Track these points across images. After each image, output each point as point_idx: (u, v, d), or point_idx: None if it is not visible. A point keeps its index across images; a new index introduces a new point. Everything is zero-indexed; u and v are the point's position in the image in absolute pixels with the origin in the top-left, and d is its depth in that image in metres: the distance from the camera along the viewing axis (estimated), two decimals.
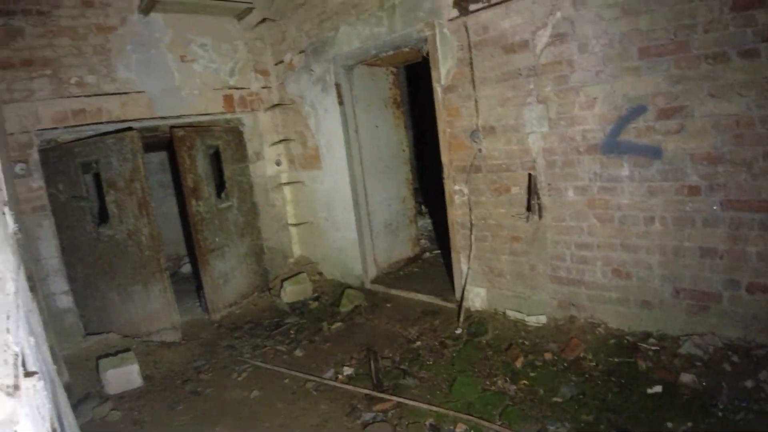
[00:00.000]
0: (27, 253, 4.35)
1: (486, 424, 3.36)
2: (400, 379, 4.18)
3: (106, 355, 4.66)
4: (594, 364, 3.55)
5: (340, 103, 5.48)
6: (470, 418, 3.46)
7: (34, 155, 4.65)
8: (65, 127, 4.80)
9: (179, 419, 4.05)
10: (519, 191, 4.12)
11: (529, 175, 3.98)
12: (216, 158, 6.02)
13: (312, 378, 4.43)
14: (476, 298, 4.69)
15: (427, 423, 3.57)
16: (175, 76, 5.46)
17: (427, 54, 4.50)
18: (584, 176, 3.66)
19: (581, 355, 3.66)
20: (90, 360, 4.68)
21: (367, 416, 3.80)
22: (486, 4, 3.88)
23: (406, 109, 6.36)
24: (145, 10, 5.10)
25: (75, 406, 4.10)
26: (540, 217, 4.00)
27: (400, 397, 3.89)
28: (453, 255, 4.86)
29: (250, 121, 6.20)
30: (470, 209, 4.53)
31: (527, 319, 4.22)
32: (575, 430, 3.12)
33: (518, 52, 3.81)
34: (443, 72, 4.41)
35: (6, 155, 4.20)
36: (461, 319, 4.65)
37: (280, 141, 6.39)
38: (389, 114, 5.93)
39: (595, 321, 3.83)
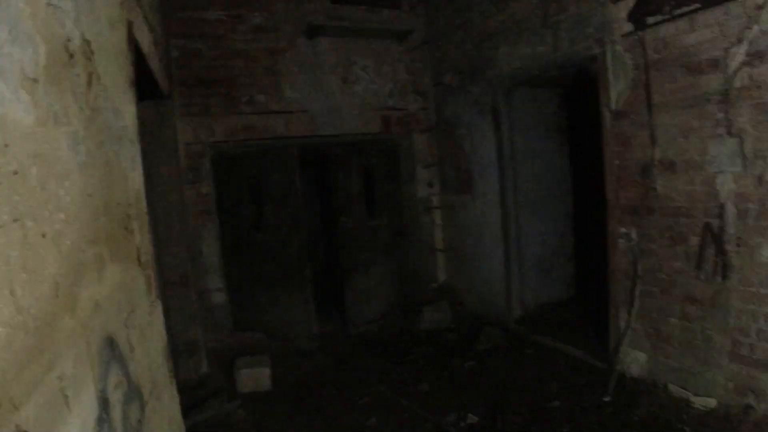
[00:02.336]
0: (188, 250, 4.83)
1: None
2: None
3: (244, 354, 4.94)
4: None
5: (496, 127, 5.13)
6: None
7: (206, 164, 5.15)
8: (234, 141, 5.24)
9: (295, 430, 4.09)
10: (699, 243, 3.34)
11: (710, 224, 3.20)
12: (369, 177, 6.10)
13: (432, 418, 4.14)
14: (633, 363, 3.94)
15: None
16: (337, 96, 5.66)
17: (595, 74, 3.93)
18: None
19: None
20: (232, 356, 5.01)
21: None
22: (667, 17, 3.23)
23: (578, 136, 5.74)
24: (311, 34, 5.37)
25: (205, 399, 4.40)
26: (723, 277, 3.18)
27: None
28: (611, 309, 4.17)
29: (405, 141, 6.17)
30: (636, 258, 3.83)
31: (693, 399, 3.40)
32: None
33: (706, 72, 3.09)
34: (614, 95, 3.81)
35: (176, 163, 4.71)
36: (612, 384, 3.94)
37: (434, 163, 6.23)
38: (551, 141, 5.39)
39: None
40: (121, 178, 2.10)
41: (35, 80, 1.14)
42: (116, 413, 1.46)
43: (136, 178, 2.36)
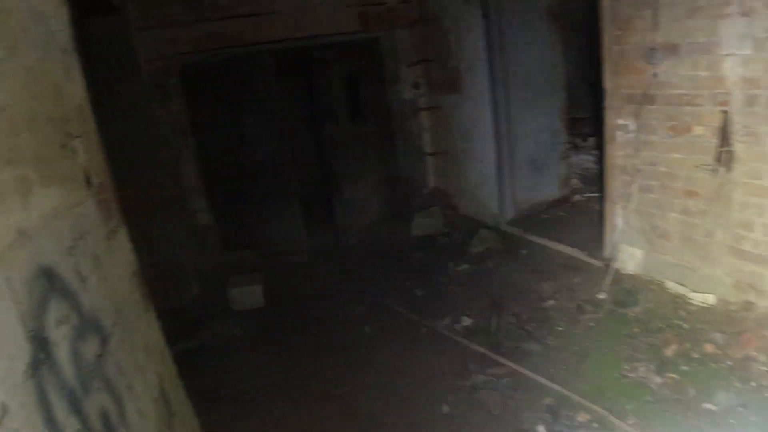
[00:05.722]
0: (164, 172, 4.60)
1: (615, 421, 2.76)
2: (523, 342, 3.68)
3: (236, 273, 4.86)
4: (767, 369, 2.67)
5: (484, 15, 4.69)
6: (596, 408, 2.88)
7: (174, 80, 4.77)
8: (201, 52, 4.82)
9: (293, 343, 4.11)
10: (703, 133, 3.12)
11: (723, 112, 2.95)
12: (352, 81, 5.71)
13: (427, 323, 4.14)
14: (630, 259, 3.86)
15: (545, 403, 3.08)
16: None
17: None
18: None
19: (752, 354, 2.79)
20: (224, 276, 4.93)
21: (478, 379, 3.42)
22: None
23: (573, 23, 5.22)
24: None
25: (200, 321, 4.38)
26: (728, 169, 3.00)
27: (518, 364, 3.43)
28: (607, 205, 4.02)
29: (387, 40, 5.69)
30: (636, 150, 3.62)
31: (691, 295, 3.34)
32: None
33: None
34: None
35: (138, 81, 4.36)
36: (607, 281, 3.89)
37: (419, 61, 5.80)
38: (544, 29, 4.95)
39: None
40: (53, 91, 1.82)
41: None
42: (62, 351, 1.31)
43: (75, 91, 2.07)
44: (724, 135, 2.98)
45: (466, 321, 4.10)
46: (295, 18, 5.13)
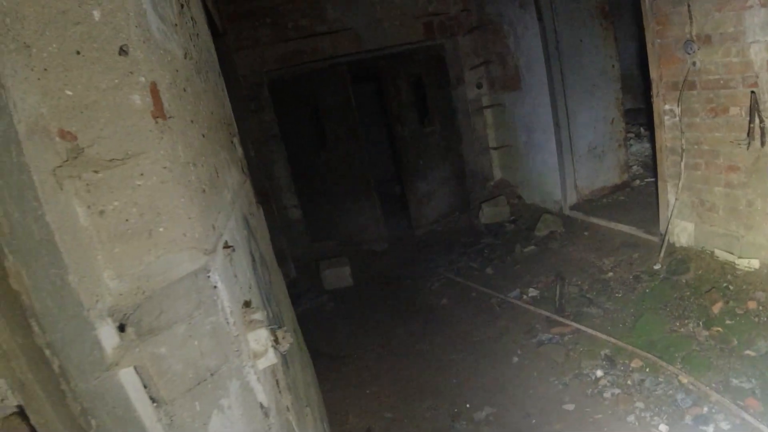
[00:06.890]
0: (262, 172, 5.41)
1: (664, 364, 3.20)
2: (584, 307, 4.14)
3: (325, 259, 5.61)
4: None
5: (539, 18, 5.18)
6: (648, 356, 3.32)
7: (265, 93, 5.60)
8: (286, 67, 5.62)
9: (378, 313, 4.77)
10: (738, 112, 3.48)
11: (751, 93, 3.32)
12: (418, 85, 6.34)
13: (497, 295, 4.68)
14: (682, 233, 4.23)
15: (602, 353, 3.54)
16: (377, 9, 5.82)
17: None
18: None
19: None
20: (314, 261, 5.70)
21: (543, 337, 3.93)
22: None
23: (627, 19, 5.61)
24: None
25: (299, 296, 5.14)
26: (762, 143, 3.35)
27: (580, 324, 3.90)
28: (660, 184, 4.40)
29: (450, 46, 6.29)
30: (682, 132, 4.00)
31: (737, 261, 3.68)
32: (760, 387, 2.77)
33: None
34: None
35: (239, 94, 5.19)
36: (662, 254, 4.27)
37: (480, 64, 6.36)
38: (596, 26, 5.37)
39: None
40: (221, 102, 2.57)
41: (176, 25, 1.58)
42: (258, 269, 2.01)
43: (227, 103, 2.83)
44: (756, 112, 3.35)
45: (533, 292, 4.60)
46: (367, 32, 5.84)
